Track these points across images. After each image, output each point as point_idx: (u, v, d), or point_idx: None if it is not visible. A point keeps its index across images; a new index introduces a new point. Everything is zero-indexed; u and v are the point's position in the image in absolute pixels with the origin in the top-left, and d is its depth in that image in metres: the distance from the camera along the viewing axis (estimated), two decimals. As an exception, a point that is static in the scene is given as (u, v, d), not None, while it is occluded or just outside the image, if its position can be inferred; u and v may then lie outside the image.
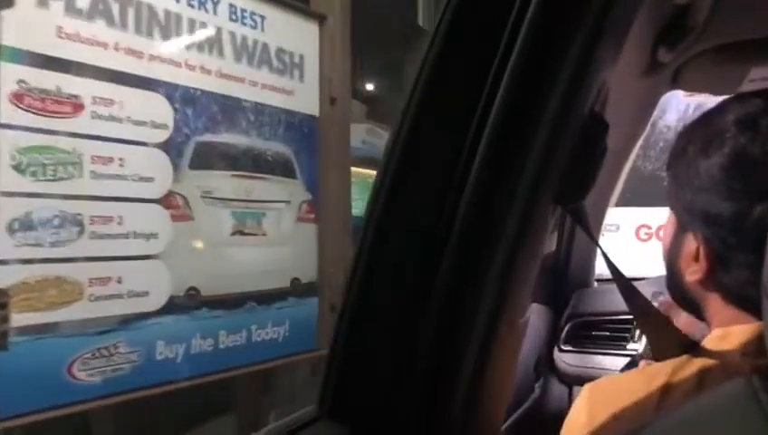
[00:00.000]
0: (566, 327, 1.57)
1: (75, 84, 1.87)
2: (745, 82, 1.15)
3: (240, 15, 2.38)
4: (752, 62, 1.10)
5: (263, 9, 2.47)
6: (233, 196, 2.35)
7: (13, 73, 1.72)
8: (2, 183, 1.70)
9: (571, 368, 1.52)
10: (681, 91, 1.41)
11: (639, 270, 1.42)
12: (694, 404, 0.43)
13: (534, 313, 1.56)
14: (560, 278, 1.66)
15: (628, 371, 0.91)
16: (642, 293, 0.73)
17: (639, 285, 0.74)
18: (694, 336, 0.74)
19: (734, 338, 0.69)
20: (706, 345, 0.71)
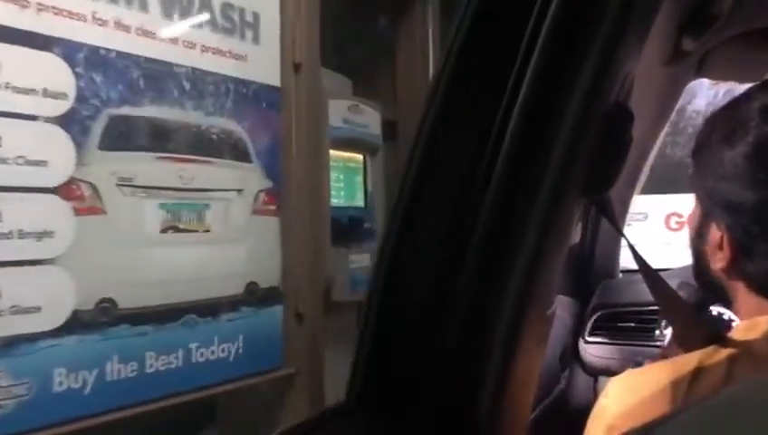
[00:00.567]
0: (592, 318, 1.56)
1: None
2: None
3: (170, -40, 1.92)
4: None
5: (201, -47, 2.01)
6: (162, 183, 1.89)
7: None
8: None
9: (597, 359, 1.51)
10: (706, 79, 1.43)
11: (671, 262, 1.38)
12: (722, 394, 0.40)
13: (559, 304, 1.53)
14: (585, 270, 1.66)
15: (656, 362, 0.87)
16: (668, 283, 0.74)
17: (665, 276, 0.74)
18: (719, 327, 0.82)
19: (761, 328, 0.70)
20: (733, 336, 0.71)
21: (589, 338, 1.55)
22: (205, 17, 2.02)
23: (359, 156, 3.05)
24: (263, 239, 2.19)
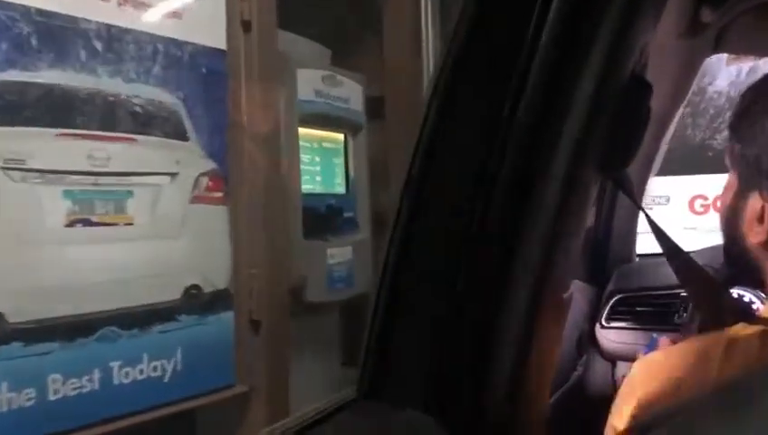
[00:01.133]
0: (609, 304, 1.54)
1: None
2: None
3: None
4: None
5: None
6: (66, 167, 1.53)
7: None
8: None
9: (615, 345, 1.49)
10: (726, 56, 1.53)
11: (696, 248, 1.31)
12: (756, 373, 0.40)
13: (575, 290, 1.36)
14: (600, 254, 1.64)
15: (682, 343, 0.85)
16: (695, 261, 0.73)
17: None
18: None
19: None
20: (762, 313, 0.72)
21: (606, 323, 1.52)
22: (122, -39, 1.65)
23: (338, 135, 2.67)
24: (205, 233, 1.83)
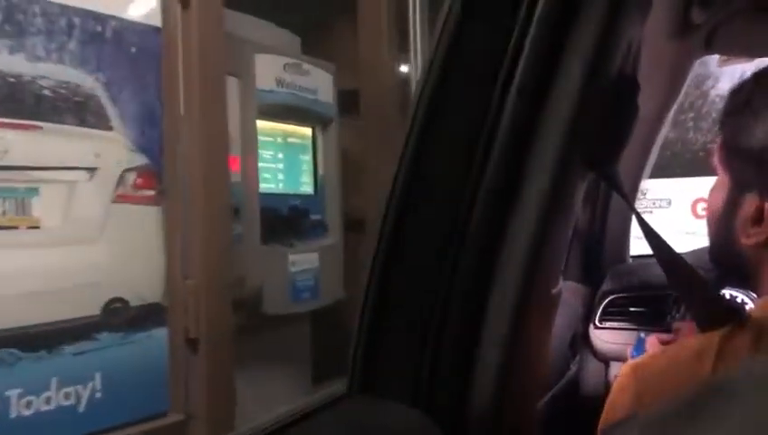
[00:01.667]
0: (602, 304, 1.51)
1: None
2: None
3: None
4: None
5: None
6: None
7: None
8: None
9: (608, 345, 1.47)
10: (718, 58, 1.44)
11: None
12: (747, 373, 0.40)
13: (569, 290, 1.50)
14: (594, 255, 1.61)
15: (672, 344, 0.88)
16: (686, 261, 0.74)
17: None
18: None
19: None
20: (754, 313, 0.72)
21: (599, 324, 1.52)
22: None
23: (305, 130, 2.43)
24: (133, 237, 1.58)
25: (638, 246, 1.66)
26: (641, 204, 3.06)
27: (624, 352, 1.35)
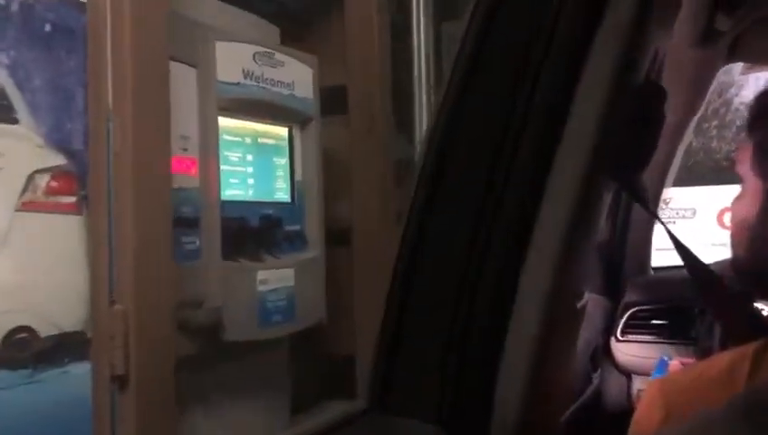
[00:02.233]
0: (624, 317, 1.51)
1: None
2: None
3: None
4: None
5: None
6: None
7: None
8: None
9: (630, 358, 1.47)
10: (742, 66, 1.47)
11: None
12: None
13: (590, 302, 1.43)
14: (615, 267, 1.63)
15: (704, 359, 0.89)
16: (715, 273, 0.74)
17: None
18: None
19: None
20: None
21: (621, 337, 1.50)
22: None
23: (280, 130, 2.15)
24: (44, 252, 1.30)
25: (659, 258, 1.64)
26: (664, 214, 2.91)
27: (647, 366, 1.35)
